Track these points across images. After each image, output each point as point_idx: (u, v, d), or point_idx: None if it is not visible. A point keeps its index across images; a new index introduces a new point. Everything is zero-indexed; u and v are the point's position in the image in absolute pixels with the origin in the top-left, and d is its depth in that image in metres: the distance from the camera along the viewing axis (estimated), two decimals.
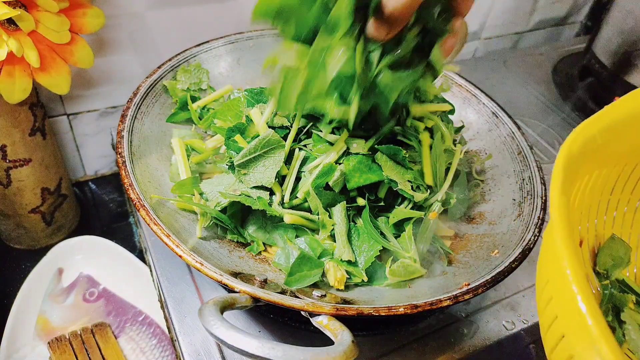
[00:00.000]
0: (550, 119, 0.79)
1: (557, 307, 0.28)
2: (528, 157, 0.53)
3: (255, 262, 0.45)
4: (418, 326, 0.48)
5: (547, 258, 0.31)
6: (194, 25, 0.66)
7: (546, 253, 0.31)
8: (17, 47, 0.47)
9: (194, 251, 0.39)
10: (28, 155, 0.57)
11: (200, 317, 0.32)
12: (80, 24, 0.53)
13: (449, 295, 0.38)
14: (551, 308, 0.29)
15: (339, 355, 0.30)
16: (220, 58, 0.61)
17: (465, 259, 0.47)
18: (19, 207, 0.61)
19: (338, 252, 0.43)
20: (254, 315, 0.48)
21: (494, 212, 0.51)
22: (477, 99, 0.60)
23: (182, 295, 0.48)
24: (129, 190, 0.43)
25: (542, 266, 0.32)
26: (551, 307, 0.29)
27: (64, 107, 0.65)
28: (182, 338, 0.45)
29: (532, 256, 0.56)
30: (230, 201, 0.44)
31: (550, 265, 0.29)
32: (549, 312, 0.29)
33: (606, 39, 0.80)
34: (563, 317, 0.28)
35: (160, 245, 0.51)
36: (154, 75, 0.54)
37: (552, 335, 0.29)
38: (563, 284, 0.26)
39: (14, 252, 0.66)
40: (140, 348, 0.55)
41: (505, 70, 0.88)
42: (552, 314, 0.29)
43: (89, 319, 0.57)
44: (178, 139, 0.52)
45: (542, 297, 0.30)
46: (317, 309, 0.35)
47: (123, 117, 0.49)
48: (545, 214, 0.47)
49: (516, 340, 0.50)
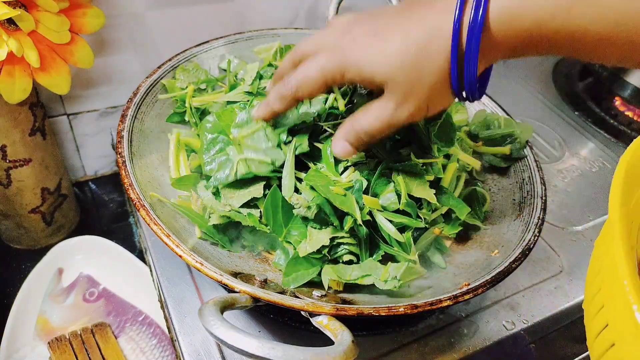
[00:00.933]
0: (550, 119, 0.79)
1: (610, 315, 0.28)
2: (528, 157, 0.53)
3: (255, 262, 0.45)
4: (418, 326, 0.48)
5: (599, 266, 0.31)
6: (194, 25, 0.66)
7: (599, 261, 0.31)
8: (17, 47, 0.47)
9: (194, 251, 0.39)
10: (28, 155, 0.57)
11: (200, 317, 0.32)
12: (80, 24, 0.53)
13: (449, 295, 0.38)
14: (602, 315, 0.29)
15: (339, 355, 0.30)
16: (220, 58, 0.60)
17: (465, 259, 0.47)
18: (19, 207, 0.61)
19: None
20: (254, 315, 0.48)
21: (494, 212, 0.51)
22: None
23: (182, 295, 0.48)
24: (129, 190, 0.43)
25: (594, 275, 0.31)
26: (602, 315, 0.29)
27: (64, 107, 0.65)
28: (182, 338, 0.45)
29: (532, 256, 0.56)
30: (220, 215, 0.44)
31: (605, 273, 0.29)
32: (599, 320, 0.29)
33: None
34: (615, 325, 0.27)
35: (160, 245, 0.51)
36: (154, 75, 0.54)
37: (600, 343, 0.29)
38: (618, 292, 0.26)
39: (14, 252, 0.66)
40: (140, 348, 0.55)
41: (505, 70, 0.88)
42: (602, 322, 0.29)
43: (89, 319, 0.57)
44: (176, 134, 0.52)
45: (592, 305, 0.30)
46: (317, 309, 0.35)
47: (123, 117, 0.49)
48: (545, 214, 0.47)
49: (516, 340, 0.50)
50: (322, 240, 0.42)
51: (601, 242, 0.31)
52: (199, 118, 0.54)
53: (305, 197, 0.43)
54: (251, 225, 0.44)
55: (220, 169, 0.45)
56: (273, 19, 0.71)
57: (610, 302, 0.28)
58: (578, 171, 0.70)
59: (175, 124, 0.55)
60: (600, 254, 0.31)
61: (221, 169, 0.45)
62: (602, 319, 0.29)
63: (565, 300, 0.53)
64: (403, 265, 0.41)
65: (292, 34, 0.63)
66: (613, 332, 0.28)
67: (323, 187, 0.42)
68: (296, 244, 0.43)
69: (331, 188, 0.42)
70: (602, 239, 0.31)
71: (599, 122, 0.78)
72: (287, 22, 0.73)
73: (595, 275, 0.31)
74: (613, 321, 0.28)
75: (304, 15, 0.73)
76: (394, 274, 0.40)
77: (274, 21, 0.71)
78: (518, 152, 0.53)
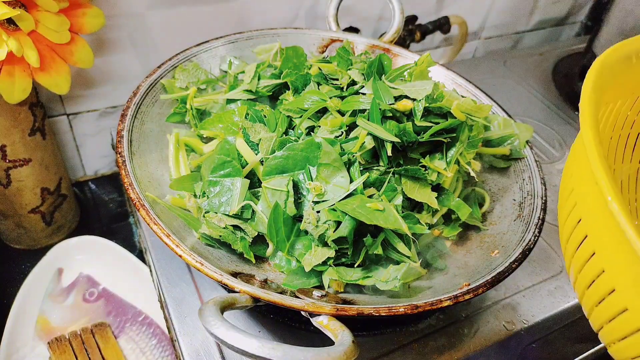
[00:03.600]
0: (550, 119, 0.79)
1: (582, 211, 0.29)
2: (528, 157, 0.53)
3: (256, 262, 0.45)
4: (418, 326, 0.48)
5: (573, 168, 0.31)
6: (194, 25, 0.66)
7: (572, 163, 0.32)
8: (17, 47, 0.47)
9: (194, 251, 0.39)
10: (28, 155, 0.57)
11: (200, 317, 0.32)
12: (80, 24, 0.53)
13: (449, 296, 0.38)
14: (575, 213, 0.30)
15: (339, 355, 0.30)
16: (220, 58, 0.60)
17: (465, 259, 0.47)
18: (19, 207, 0.60)
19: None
20: (254, 315, 0.48)
21: (494, 212, 0.51)
22: (477, 98, 0.59)
23: (182, 295, 0.48)
24: (129, 190, 0.43)
25: (568, 177, 0.32)
26: (575, 212, 0.30)
27: (63, 107, 0.65)
28: (182, 338, 0.45)
29: (532, 256, 0.56)
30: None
31: (577, 173, 0.30)
32: (572, 218, 0.30)
33: (606, 39, 0.80)
34: (587, 219, 0.28)
35: (160, 245, 0.51)
36: (154, 75, 0.54)
37: (575, 240, 0.30)
38: (592, 188, 0.27)
39: (14, 252, 0.66)
40: (140, 348, 0.55)
41: (505, 70, 0.88)
42: (575, 219, 0.29)
43: (89, 319, 0.57)
44: (175, 134, 0.52)
45: (566, 205, 0.31)
46: (317, 309, 0.35)
47: (123, 117, 0.49)
48: (545, 214, 0.47)
49: (516, 340, 0.50)
50: (327, 253, 0.42)
51: (574, 149, 0.32)
52: (199, 119, 0.54)
53: (322, 218, 0.42)
54: (240, 251, 0.43)
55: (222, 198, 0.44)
56: (273, 19, 0.71)
57: (583, 198, 0.29)
58: None
59: (175, 124, 0.55)
60: (574, 156, 0.32)
61: (223, 200, 0.44)
62: (575, 216, 0.30)
63: (565, 300, 0.53)
64: (404, 267, 0.41)
65: (292, 33, 0.63)
66: (586, 225, 0.29)
67: (359, 209, 0.40)
68: (300, 257, 0.43)
69: (368, 205, 0.40)
70: (575, 147, 0.31)
71: None
72: (287, 22, 0.73)
73: (567, 179, 0.32)
74: (585, 215, 0.29)
75: (304, 15, 0.73)
76: (395, 275, 0.40)
77: (274, 21, 0.71)
78: (518, 152, 0.53)
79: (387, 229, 0.42)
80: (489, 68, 0.88)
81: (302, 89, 0.52)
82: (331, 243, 0.41)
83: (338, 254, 0.43)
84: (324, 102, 0.47)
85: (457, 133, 0.46)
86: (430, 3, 0.83)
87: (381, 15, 0.80)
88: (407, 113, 0.45)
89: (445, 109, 0.45)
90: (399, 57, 0.63)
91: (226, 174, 0.45)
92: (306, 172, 0.43)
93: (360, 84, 0.50)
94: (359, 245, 0.42)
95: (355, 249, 0.42)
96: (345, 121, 0.45)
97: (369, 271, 0.43)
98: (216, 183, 0.45)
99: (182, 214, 0.45)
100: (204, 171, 0.47)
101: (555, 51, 0.96)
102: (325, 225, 0.41)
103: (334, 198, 0.42)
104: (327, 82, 0.52)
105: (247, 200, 0.43)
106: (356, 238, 0.42)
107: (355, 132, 0.45)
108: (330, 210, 0.41)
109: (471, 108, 0.47)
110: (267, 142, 0.46)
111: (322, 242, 0.42)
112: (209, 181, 0.45)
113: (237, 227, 0.44)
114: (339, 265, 0.43)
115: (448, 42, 0.91)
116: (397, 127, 0.43)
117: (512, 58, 0.92)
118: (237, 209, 0.43)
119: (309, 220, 0.42)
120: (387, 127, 0.43)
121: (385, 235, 0.43)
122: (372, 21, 0.80)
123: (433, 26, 0.83)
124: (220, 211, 0.43)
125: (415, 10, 0.82)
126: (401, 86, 0.47)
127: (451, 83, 0.61)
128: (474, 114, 0.47)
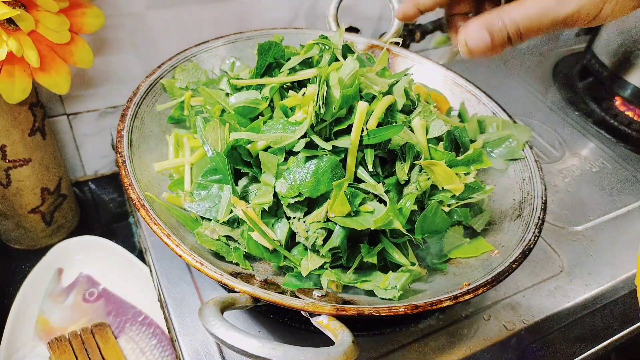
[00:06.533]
0: (550, 119, 0.79)
1: None
2: (528, 157, 0.53)
3: (255, 262, 0.45)
4: (418, 326, 0.48)
5: None
6: (194, 25, 0.66)
7: None
8: (17, 47, 0.47)
9: (194, 251, 0.39)
10: (28, 155, 0.57)
11: (200, 317, 0.32)
12: (80, 24, 0.53)
13: (449, 295, 0.38)
14: None
15: (340, 355, 0.30)
16: (220, 58, 0.60)
17: (465, 259, 0.47)
18: (19, 207, 0.60)
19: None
20: (254, 315, 0.48)
21: (494, 212, 0.51)
22: (477, 99, 0.59)
23: (182, 295, 0.48)
24: (129, 190, 0.43)
25: None
26: None
27: (63, 107, 0.65)
28: (182, 338, 0.45)
29: (532, 256, 0.56)
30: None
31: None
32: None
33: (606, 39, 0.80)
34: None
35: (160, 245, 0.51)
36: (154, 75, 0.54)
37: None
38: None
39: (14, 252, 0.66)
40: (140, 348, 0.55)
41: (505, 70, 0.88)
42: None
43: (89, 319, 0.57)
44: (175, 134, 0.52)
45: None
46: (317, 309, 0.35)
47: (123, 117, 0.49)
48: (545, 214, 0.47)
49: (516, 340, 0.50)
50: (323, 259, 0.42)
51: None
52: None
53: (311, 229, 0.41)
54: (235, 262, 0.43)
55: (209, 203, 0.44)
56: (273, 19, 0.71)
57: None
58: (578, 171, 0.70)
59: (175, 124, 0.55)
60: None
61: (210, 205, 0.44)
62: None
63: (565, 300, 0.53)
64: (404, 276, 0.40)
65: (292, 33, 0.63)
66: None
67: (348, 215, 0.39)
68: (296, 262, 0.43)
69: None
70: None
71: (599, 122, 0.78)
72: (287, 22, 0.73)
73: None
74: None
75: (304, 15, 0.73)
76: (394, 284, 0.40)
77: (274, 21, 0.71)
78: (517, 153, 0.53)
79: (384, 239, 0.43)
80: (489, 68, 0.88)
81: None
82: (325, 253, 0.41)
83: (334, 257, 0.43)
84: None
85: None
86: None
87: (381, 15, 0.80)
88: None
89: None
90: (398, 57, 0.63)
91: (216, 180, 0.45)
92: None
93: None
94: (355, 250, 0.42)
95: (351, 254, 0.42)
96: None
97: (367, 275, 0.43)
98: (205, 187, 0.45)
99: (179, 214, 0.45)
100: (195, 172, 0.46)
101: (555, 51, 0.96)
102: (315, 235, 0.41)
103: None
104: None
105: (235, 211, 0.43)
106: (353, 242, 0.42)
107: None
108: (316, 221, 0.41)
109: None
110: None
111: (316, 252, 0.42)
112: (197, 184, 0.45)
113: (230, 237, 0.43)
114: (336, 267, 0.43)
115: (448, 42, 0.91)
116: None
117: (512, 58, 0.92)
118: (224, 218, 0.43)
119: (298, 232, 0.42)
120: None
121: (383, 246, 0.43)
122: (372, 21, 0.80)
123: (433, 26, 0.83)
124: (206, 216, 0.44)
125: None
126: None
127: (451, 83, 0.61)
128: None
